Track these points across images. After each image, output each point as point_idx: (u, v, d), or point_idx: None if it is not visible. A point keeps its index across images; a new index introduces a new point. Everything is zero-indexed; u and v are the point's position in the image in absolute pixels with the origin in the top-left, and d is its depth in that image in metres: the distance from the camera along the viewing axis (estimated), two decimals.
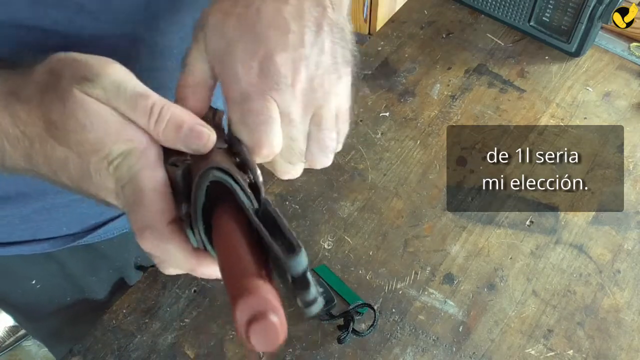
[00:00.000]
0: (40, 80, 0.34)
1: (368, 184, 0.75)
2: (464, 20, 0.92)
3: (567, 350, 0.62)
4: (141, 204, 0.33)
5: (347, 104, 0.40)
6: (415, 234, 0.70)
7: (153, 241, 0.33)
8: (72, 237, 0.62)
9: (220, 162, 0.34)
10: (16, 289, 0.69)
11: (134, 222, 0.34)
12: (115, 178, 0.34)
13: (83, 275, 0.70)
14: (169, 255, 0.34)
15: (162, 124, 0.34)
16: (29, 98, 0.34)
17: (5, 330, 1.52)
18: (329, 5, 0.38)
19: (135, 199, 0.33)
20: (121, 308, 0.65)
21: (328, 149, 0.39)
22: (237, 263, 0.30)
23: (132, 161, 0.34)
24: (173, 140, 0.34)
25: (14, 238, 0.59)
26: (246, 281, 0.29)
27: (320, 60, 0.36)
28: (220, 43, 0.36)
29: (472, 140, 0.79)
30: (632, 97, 0.83)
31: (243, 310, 0.27)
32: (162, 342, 0.63)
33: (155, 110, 0.34)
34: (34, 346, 1.53)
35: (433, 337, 0.63)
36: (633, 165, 0.76)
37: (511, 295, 0.66)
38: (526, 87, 0.84)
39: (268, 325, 0.27)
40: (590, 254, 0.69)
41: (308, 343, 0.63)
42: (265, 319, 0.27)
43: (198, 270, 0.35)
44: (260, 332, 0.27)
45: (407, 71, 0.86)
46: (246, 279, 0.29)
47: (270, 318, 0.27)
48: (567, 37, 0.85)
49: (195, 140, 0.35)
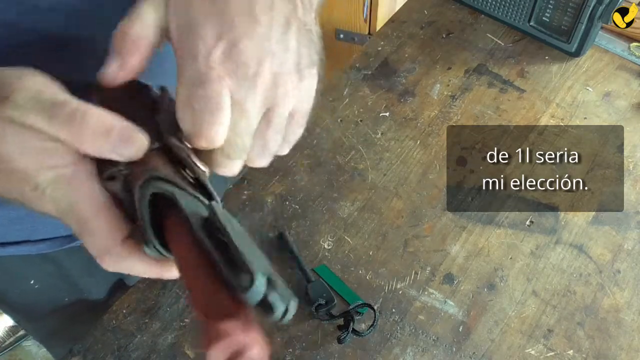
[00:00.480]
0: None
1: (368, 184, 0.75)
2: (464, 20, 0.92)
3: (567, 350, 0.62)
4: (89, 233, 0.32)
5: (307, 106, 0.37)
6: (415, 234, 0.70)
7: (113, 264, 0.33)
8: (68, 238, 0.62)
9: (157, 168, 0.31)
10: (14, 288, 0.69)
11: (89, 249, 0.33)
12: (54, 207, 0.32)
13: (80, 276, 0.70)
14: (133, 270, 0.33)
15: (87, 133, 0.30)
16: None
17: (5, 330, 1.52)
18: (299, 4, 0.36)
19: (82, 229, 0.32)
20: (121, 308, 0.65)
21: (269, 151, 0.37)
22: (198, 282, 0.29)
23: (62, 190, 0.31)
24: (102, 149, 0.31)
25: (9, 238, 0.59)
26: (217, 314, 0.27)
27: (285, 57, 0.34)
28: (185, 13, 0.33)
29: (472, 140, 0.79)
30: (632, 97, 0.83)
31: (217, 353, 0.26)
32: (162, 342, 0.63)
33: (77, 117, 0.30)
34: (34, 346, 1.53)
35: (433, 337, 0.63)
36: (633, 165, 0.76)
37: (511, 295, 0.66)
38: (526, 87, 0.84)
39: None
40: (590, 254, 0.69)
41: (308, 343, 0.63)
42: (244, 356, 0.26)
43: (165, 275, 0.34)
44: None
45: (407, 71, 0.86)
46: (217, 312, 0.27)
47: (249, 355, 0.27)
48: (567, 37, 0.85)
49: (126, 147, 0.31)
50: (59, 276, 0.68)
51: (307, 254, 0.68)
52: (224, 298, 0.28)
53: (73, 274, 0.69)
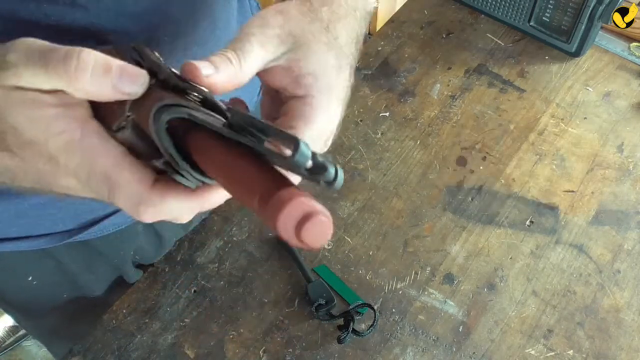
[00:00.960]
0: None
1: (368, 184, 0.75)
2: (464, 20, 0.92)
3: (567, 350, 0.62)
4: (117, 187, 0.31)
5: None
6: (415, 234, 0.70)
7: (151, 212, 0.32)
8: (68, 233, 0.62)
9: (163, 97, 0.31)
10: (13, 285, 0.69)
11: (122, 206, 0.32)
12: (74, 177, 0.32)
13: (80, 272, 0.70)
14: (174, 212, 0.32)
15: (86, 72, 0.29)
16: None
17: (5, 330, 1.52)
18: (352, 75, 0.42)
19: (108, 187, 0.31)
20: (121, 308, 0.65)
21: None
22: (248, 178, 0.29)
23: (76, 153, 0.31)
24: (103, 87, 0.30)
25: (9, 234, 0.59)
26: (271, 187, 0.28)
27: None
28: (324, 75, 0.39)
29: (472, 140, 0.79)
30: (632, 97, 0.83)
31: (288, 217, 0.27)
32: (162, 342, 0.63)
33: (73, 58, 0.29)
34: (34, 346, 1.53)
35: (433, 337, 0.63)
36: (633, 165, 0.76)
37: (511, 295, 0.66)
38: (526, 87, 0.84)
39: (318, 222, 0.27)
40: (590, 254, 0.69)
41: (308, 343, 0.63)
42: (316, 217, 0.27)
43: (206, 205, 0.34)
44: (313, 231, 0.27)
45: (407, 71, 0.86)
46: (270, 186, 0.28)
47: (320, 215, 0.27)
48: (567, 37, 0.85)
49: (128, 82, 0.31)
50: (58, 272, 0.68)
51: (307, 254, 0.68)
52: (275, 179, 0.28)
53: (72, 271, 0.69)
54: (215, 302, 0.66)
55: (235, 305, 0.65)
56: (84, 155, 0.31)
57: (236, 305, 0.65)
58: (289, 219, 0.27)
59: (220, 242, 0.70)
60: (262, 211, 0.28)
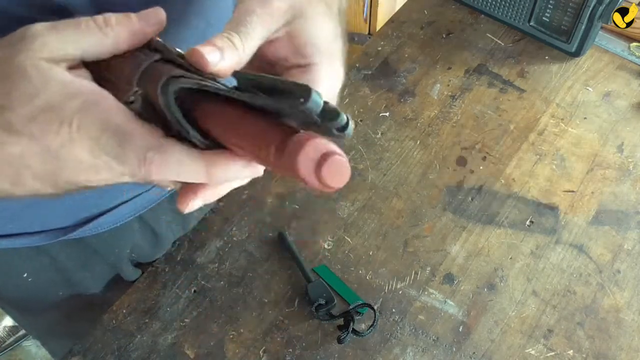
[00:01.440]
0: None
1: (368, 184, 0.75)
2: (464, 20, 0.92)
3: (567, 350, 0.62)
4: (127, 139, 0.32)
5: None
6: (415, 234, 0.70)
7: (158, 161, 0.32)
8: (63, 230, 0.62)
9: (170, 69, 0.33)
10: (9, 282, 0.69)
11: (132, 158, 0.32)
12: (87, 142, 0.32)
13: (75, 270, 0.70)
14: (181, 166, 0.32)
15: (112, 22, 0.33)
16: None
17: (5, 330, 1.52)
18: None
19: (119, 140, 0.32)
20: (121, 308, 0.65)
21: None
22: (262, 133, 0.30)
23: (91, 113, 0.32)
24: (130, 30, 0.33)
25: (4, 231, 0.59)
26: (287, 135, 0.29)
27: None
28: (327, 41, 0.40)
29: (472, 140, 0.79)
30: (632, 97, 0.83)
31: (307, 158, 0.28)
32: (162, 342, 0.63)
33: (98, 16, 0.33)
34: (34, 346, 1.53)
35: (433, 337, 0.63)
36: (633, 165, 0.76)
37: (511, 295, 0.66)
38: (526, 87, 0.84)
39: (337, 160, 0.29)
40: (590, 254, 0.69)
41: (308, 343, 0.63)
42: (333, 156, 0.29)
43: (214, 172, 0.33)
44: (332, 170, 0.29)
45: (407, 71, 0.86)
46: (286, 134, 0.29)
47: (337, 154, 0.29)
48: (567, 37, 0.85)
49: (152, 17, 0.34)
50: (53, 270, 0.68)
51: (307, 254, 0.68)
52: (287, 130, 0.29)
53: (68, 268, 0.69)
54: (215, 302, 0.66)
55: (235, 305, 0.65)
56: (98, 112, 0.32)
57: (236, 305, 0.65)
58: (308, 161, 0.28)
59: (220, 242, 0.70)
60: (280, 159, 0.29)
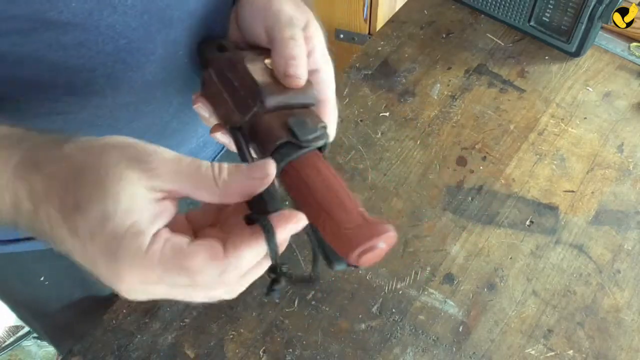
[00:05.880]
0: (76, 159, 0.33)
1: (368, 184, 0.75)
2: (464, 20, 0.92)
3: (567, 350, 0.62)
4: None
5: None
6: (415, 234, 0.70)
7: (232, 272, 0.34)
8: None
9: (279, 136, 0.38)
10: (25, 285, 0.69)
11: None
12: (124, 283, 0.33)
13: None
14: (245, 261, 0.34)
15: (224, 171, 0.34)
16: (52, 174, 0.33)
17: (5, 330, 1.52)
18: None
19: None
20: (121, 308, 0.65)
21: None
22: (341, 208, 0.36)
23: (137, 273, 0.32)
24: (239, 179, 0.34)
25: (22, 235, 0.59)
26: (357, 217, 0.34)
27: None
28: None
29: (472, 140, 0.79)
30: (632, 97, 0.83)
31: (357, 252, 0.33)
32: (162, 342, 0.63)
33: (215, 165, 0.34)
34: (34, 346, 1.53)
35: (433, 337, 0.63)
36: (633, 165, 0.76)
37: (511, 295, 0.66)
38: (526, 87, 0.84)
39: (377, 253, 0.34)
40: (590, 254, 0.69)
41: (308, 343, 0.63)
42: (376, 249, 0.34)
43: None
44: (370, 259, 0.34)
45: (407, 71, 0.86)
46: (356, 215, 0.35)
47: (380, 246, 0.34)
48: (567, 37, 0.85)
49: (259, 170, 0.35)
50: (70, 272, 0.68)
51: (308, 254, 0.68)
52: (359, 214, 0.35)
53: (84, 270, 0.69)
54: (215, 302, 0.66)
55: (235, 305, 0.65)
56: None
57: (236, 305, 0.65)
58: (356, 255, 0.33)
59: None
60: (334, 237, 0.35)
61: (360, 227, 0.34)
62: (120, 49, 0.45)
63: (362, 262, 0.34)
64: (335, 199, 0.35)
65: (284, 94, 0.41)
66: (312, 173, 0.37)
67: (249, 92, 0.41)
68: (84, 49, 0.43)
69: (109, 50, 0.44)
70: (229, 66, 0.43)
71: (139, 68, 0.47)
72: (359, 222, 0.34)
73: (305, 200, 0.37)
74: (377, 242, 0.33)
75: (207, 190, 0.34)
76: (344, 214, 0.35)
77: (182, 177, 0.33)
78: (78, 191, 0.32)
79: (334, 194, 0.36)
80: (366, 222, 0.34)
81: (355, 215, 0.34)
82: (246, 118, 0.40)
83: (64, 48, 0.42)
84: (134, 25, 0.45)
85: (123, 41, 0.44)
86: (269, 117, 0.40)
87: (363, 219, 0.34)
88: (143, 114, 0.52)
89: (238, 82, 0.42)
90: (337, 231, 0.34)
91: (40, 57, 0.42)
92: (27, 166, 0.33)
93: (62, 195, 0.32)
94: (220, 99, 0.43)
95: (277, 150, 0.38)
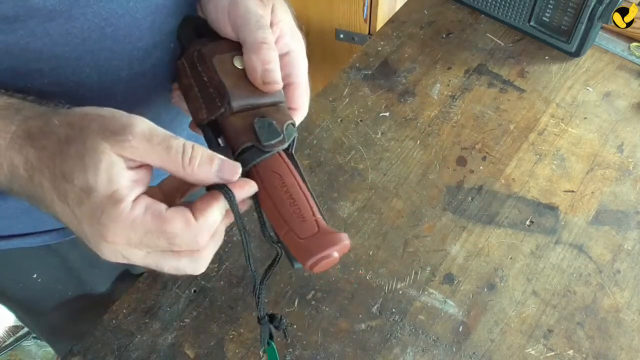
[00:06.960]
0: (61, 132, 0.36)
1: (368, 184, 0.75)
2: (464, 20, 0.92)
3: (567, 350, 0.62)
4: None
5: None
6: (415, 234, 0.70)
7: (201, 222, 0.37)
8: None
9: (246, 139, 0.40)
10: (17, 283, 0.69)
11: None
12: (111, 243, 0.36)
13: (84, 268, 0.70)
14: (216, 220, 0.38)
15: (196, 160, 0.37)
16: (43, 147, 0.36)
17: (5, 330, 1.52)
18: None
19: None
20: (121, 308, 0.65)
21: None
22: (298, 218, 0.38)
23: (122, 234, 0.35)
24: (207, 174, 0.37)
25: (15, 231, 0.59)
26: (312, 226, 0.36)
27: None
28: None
29: (472, 140, 0.79)
30: (632, 97, 0.83)
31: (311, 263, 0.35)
32: (162, 342, 0.63)
33: (187, 148, 0.36)
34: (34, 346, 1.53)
35: (433, 337, 0.63)
36: (633, 165, 0.76)
37: (511, 295, 0.66)
38: (526, 87, 0.84)
39: (330, 262, 0.36)
40: (590, 254, 0.69)
41: (308, 343, 0.63)
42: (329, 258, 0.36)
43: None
44: (322, 267, 0.36)
45: (407, 71, 0.86)
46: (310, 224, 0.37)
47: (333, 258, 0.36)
48: (567, 37, 0.85)
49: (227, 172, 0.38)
50: (62, 269, 0.68)
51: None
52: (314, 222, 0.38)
53: (76, 266, 0.69)
54: (215, 302, 0.66)
55: (235, 305, 0.65)
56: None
57: (236, 305, 0.65)
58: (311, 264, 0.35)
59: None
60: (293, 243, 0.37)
61: (315, 238, 0.36)
62: (107, 36, 0.45)
63: (317, 269, 0.36)
64: (292, 207, 0.37)
65: (252, 96, 0.42)
66: (272, 179, 0.39)
67: (217, 92, 0.42)
68: (69, 37, 0.43)
69: (95, 38, 0.44)
70: (200, 59, 0.44)
71: (125, 56, 0.47)
72: (314, 231, 0.36)
73: (265, 204, 0.39)
74: (331, 252, 0.35)
75: (174, 170, 0.37)
76: (300, 222, 0.37)
77: (152, 154, 0.36)
78: (64, 163, 0.35)
79: (292, 202, 0.38)
80: (321, 233, 0.36)
81: (310, 225, 0.36)
82: (213, 117, 0.42)
83: (50, 36, 0.42)
84: (120, 12, 0.44)
85: (109, 29, 0.44)
86: (235, 119, 0.41)
87: (318, 229, 0.36)
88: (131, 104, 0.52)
89: (207, 78, 0.43)
90: (293, 239, 0.36)
91: (25, 46, 0.42)
92: (22, 137, 0.36)
93: (51, 166, 0.35)
94: (191, 93, 0.44)
95: (241, 154, 0.40)
